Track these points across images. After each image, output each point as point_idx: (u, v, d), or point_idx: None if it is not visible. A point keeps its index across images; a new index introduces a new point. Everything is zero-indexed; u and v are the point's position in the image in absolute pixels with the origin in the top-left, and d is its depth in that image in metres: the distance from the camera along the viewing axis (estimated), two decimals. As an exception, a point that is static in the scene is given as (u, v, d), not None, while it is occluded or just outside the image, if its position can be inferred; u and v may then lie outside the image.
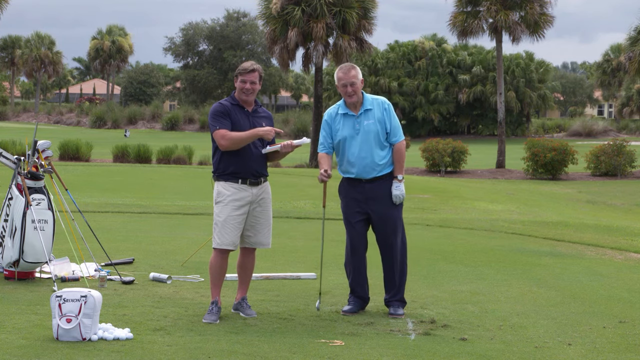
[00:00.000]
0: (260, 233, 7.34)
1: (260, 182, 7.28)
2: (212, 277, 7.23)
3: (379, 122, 7.45)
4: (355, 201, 7.53)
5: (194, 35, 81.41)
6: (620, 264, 10.89)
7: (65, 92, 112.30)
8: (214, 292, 7.19)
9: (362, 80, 7.51)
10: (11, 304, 7.36)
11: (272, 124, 7.41)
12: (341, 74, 7.44)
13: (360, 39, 34.10)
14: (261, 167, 7.30)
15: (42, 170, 8.72)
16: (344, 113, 7.53)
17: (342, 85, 7.45)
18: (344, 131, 7.50)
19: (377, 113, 7.47)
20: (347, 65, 7.51)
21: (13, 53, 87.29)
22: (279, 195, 19.68)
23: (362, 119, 7.47)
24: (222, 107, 7.25)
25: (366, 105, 7.50)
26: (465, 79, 67.17)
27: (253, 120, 7.28)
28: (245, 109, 7.30)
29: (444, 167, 33.94)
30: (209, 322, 6.93)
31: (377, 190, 7.46)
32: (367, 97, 7.54)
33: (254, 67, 7.29)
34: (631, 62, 37.46)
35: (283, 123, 60.96)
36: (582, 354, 6.30)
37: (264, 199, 7.32)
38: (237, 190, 7.17)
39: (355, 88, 7.44)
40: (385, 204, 7.46)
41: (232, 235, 7.15)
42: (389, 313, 7.39)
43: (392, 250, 7.50)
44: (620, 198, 25.55)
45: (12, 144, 31.77)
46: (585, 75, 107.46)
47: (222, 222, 7.14)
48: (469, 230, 14.01)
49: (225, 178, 7.20)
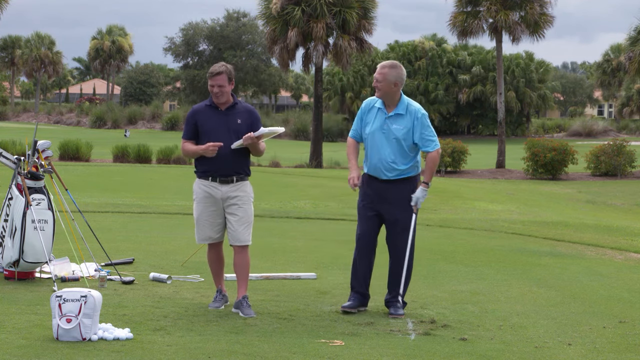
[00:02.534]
0: (237, 230, 7.45)
1: (232, 180, 7.43)
2: (210, 269, 7.75)
3: (407, 131, 7.41)
4: (368, 197, 7.56)
5: (194, 35, 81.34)
6: (620, 264, 10.89)
7: (65, 92, 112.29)
8: (216, 281, 7.68)
9: (396, 83, 7.41)
10: (11, 304, 7.36)
11: (251, 119, 7.51)
12: (378, 67, 7.55)
13: (360, 39, 34.10)
14: (234, 166, 7.43)
15: (42, 170, 8.71)
16: (379, 108, 7.54)
17: (374, 77, 7.53)
18: (373, 126, 7.51)
19: (407, 121, 7.43)
20: (387, 62, 7.55)
21: (13, 53, 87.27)
22: (279, 195, 19.71)
23: (392, 121, 7.45)
24: (189, 114, 7.63)
25: (399, 109, 7.46)
26: (465, 79, 67.18)
27: (227, 119, 7.45)
28: (218, 108, 7.49)
29: (444, 167, 33.95)
30: (214, 308, 7.40)
31: (391, 191, 7.45)
32: (403, 101, 7.49)
33: (220, 70, 7.42)
34: (631, 62, 37.45)
35: (283, 123, 60.97)
36: (582, 354, 6.30)
37: (239, 196, 7.45)
38: (207, 188, 7.48)
39: (381, 85, 7.42)
40: (398, 206, 7.45)
41: (207, 230, 7.51)
42: (389, 313, 7.39)
43: (398, 252, 7.50)
44: (620, 198, 25.55)
45: (12, 144, 31.76)
46: (585, 75, 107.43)
47: (196, 218, 7.58)
48: (469, 230, 14.01)
49: (199, 175, 7.56)
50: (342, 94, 68.33)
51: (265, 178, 24.30)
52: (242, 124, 7.45)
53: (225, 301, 7.55)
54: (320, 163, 34.36)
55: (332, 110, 69.11)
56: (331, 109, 69.21)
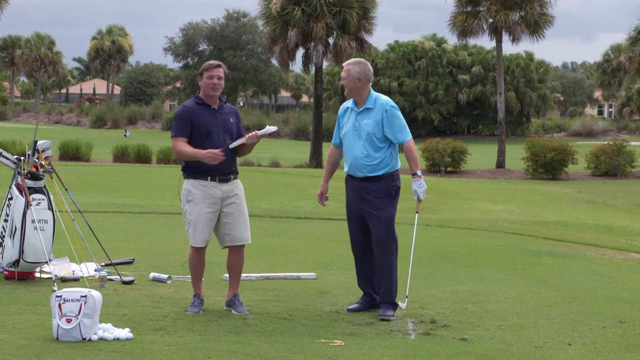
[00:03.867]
0: (238, 229, 7.41)
1: (229, 179, 7.39)
2: (191, 272, 7.48)
3: (376, 124, 7.43)
4: (349, 199, 7.61)
5: (194, 35, 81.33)
6: (620, 264, 10.89)
7: (65, 92, 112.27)
8: (195, 285, 7.45)
9: (360, 79, 7.44)
10: (11, 304, 7.36)
11: (238, 119, 7.53)
12: (343, 65, 7.57)
13: (360, 39, 34.09)
14: (230, 164, 7.40)
15: (42, 170, 8.71)
16: (351, 108, 7.59)
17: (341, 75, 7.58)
18: (347, 126, 7.57)
19: (376, 114, 7.45)
20: (352, 59, 7.59)
21: (13, 53, 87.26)
22: (279, 195, 19.71)
23: (362, 117, 7.49)
24: (183, 111, 7.35)
25: (368, 103, 7.50)
26: (465, 79, 67.15)
27: (220, 118, 7.40)
28: (211, 107, 7.39)
29: (444, 167, 33.94)
30: (192, 313, 7.19)
31: (368, 190, 7.45)
32: (372, 96, 7.52)
33: (219, 63, 7.44)
34: (631, 62, 37.45)
35: (283, 123, 60.98)
36: (582, 354, 6.30)
37: (236, 194, 7.42)
38: (207, 188, 7.31)
39: (346, 82, 7.47)
40: (374, 204, 7.42)
41: (204, 232, 7.34)
42: (379, 314, 7.34)
43: (375, 251, 7.48)
44: (620, 198, 25.54)
45: (12, 144, 31.76)
46: (585, 75, 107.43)
47: (194, 220, 7.30)
48: (469, 230, 14.00)
49: (195, 176, 7.33)
50: (342, 94, 68.14)
51: (265, 178, 24.31)
52: (233, 123, 7.47)
53: (202, 305, 7.36)
54: (320, 163, 34.35)
55: (332, 110, 69.04)
56: (331, 109, 69.16)
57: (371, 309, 7.53)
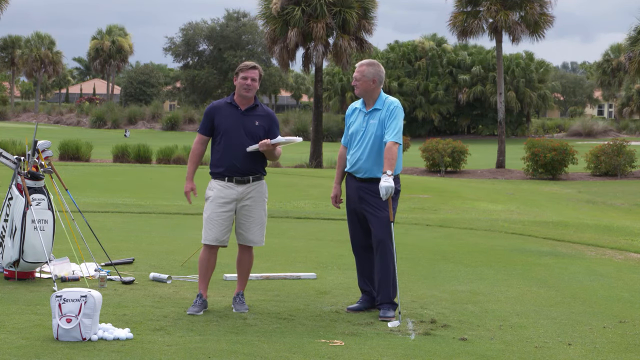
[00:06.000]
0: (250, 231, 7.45)
1: (248, 180, 7.40)
2: (199, 271, 7.51)
3: (380, 123, 7.44)
4: (349, 198, 7.62)
5: (194, 35, 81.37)
6: (620, 264, 10.89)
7: (65, 92, 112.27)
8: (200, 285, 7.44)
9: (374, 80, 7.46)
10: (11, 304, 7.36)
11: (269, 123, 7.48)
12: (356, 65, 7.59)
13: (360, 39, 34.08)
14: (251, 165, 7.40)
15: (42, 170, 8.71)
16: (360, 108, 7.60)
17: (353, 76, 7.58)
18: (354, 126, 7.57)
19: (382, 114, 7.46)
20: (365, 60, 7.60)
21: (13, 53, 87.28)
22: (279, 195, 19.69)
23: (370, 117, 7.49)
24: (209, 108, 7.53)
25: (377, 104, 7.50)
26: (465, 79, 67.17)
27: (245, 120, 7.39)
28: (238, 107, 7.40)
29: (444, 167, 33.95)
30: (192, 313, 7.15)
31: (368, 190, 7.45)
32: (382, 97, 7.52)
33: (255, 65, 7.49)
34: (631, 62, 37.44)
35: (283, 123, 60.98)
36: (582, 354, 6.30)
37: (253, 197, 7.43)
38: (222, 188, 7.40)
39: (359, 83, 7.48)
40: (374, 205, 7.42)
41: (216, 231, 7.36)
42: (379, 316, 7.33)
43: (375, 251, 7.48)
44: (620, 198, 25.54)
45: (12, 144, 31.77)
46: (585, 75, 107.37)
47: (207, 218, 7.41)
48: (469, 230, 14.00)
49: (214, 176, 7.47)
50: (342, 94, 68.33)
51: (265, 178, 24.28)
52: (259, 126, 7.41)
53: (204, 307, 7.31)
54: (320, 163, 34.36)
55: (332, 110, 69.13)
56: (331, 109, 69.22)
57: (371, 309, 7.53)
